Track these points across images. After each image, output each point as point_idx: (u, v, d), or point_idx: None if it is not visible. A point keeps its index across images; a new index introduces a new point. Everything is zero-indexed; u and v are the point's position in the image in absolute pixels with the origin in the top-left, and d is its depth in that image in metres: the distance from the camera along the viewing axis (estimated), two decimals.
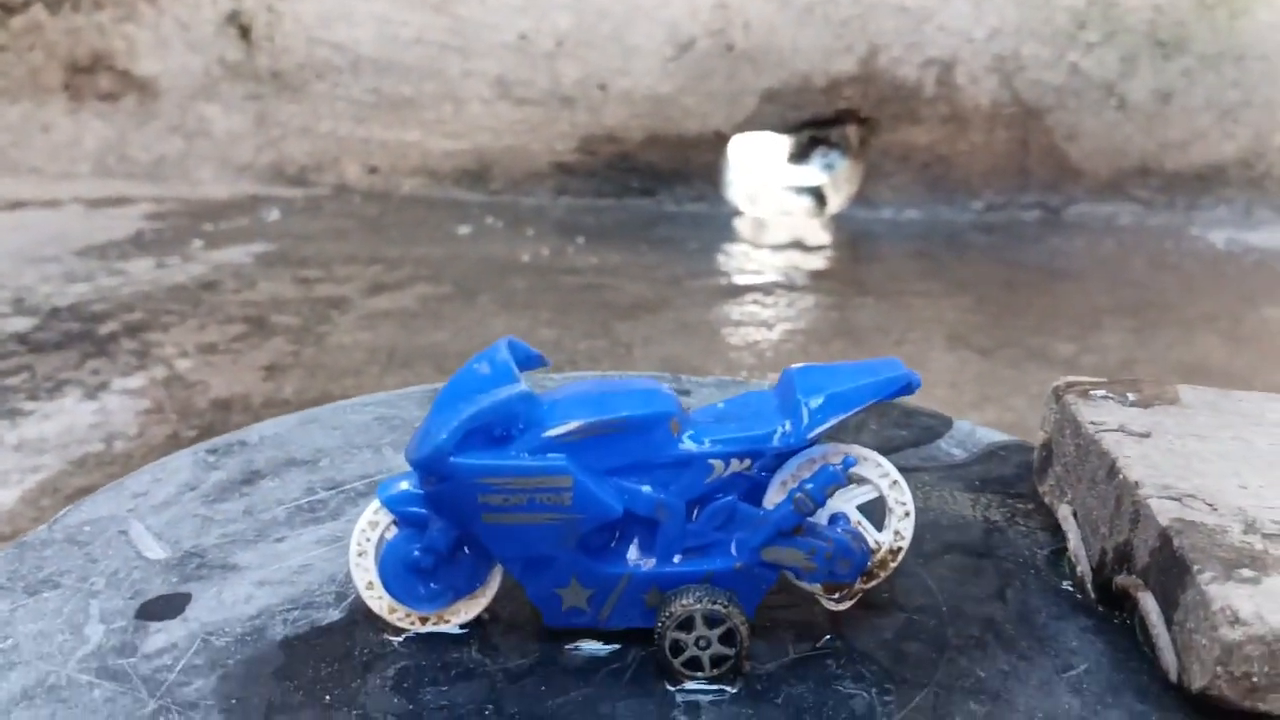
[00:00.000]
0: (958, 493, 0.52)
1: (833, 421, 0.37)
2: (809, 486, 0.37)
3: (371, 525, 0.39)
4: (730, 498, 0.38)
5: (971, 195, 1.98)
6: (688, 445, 0.37)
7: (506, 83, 1.92)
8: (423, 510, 0.38)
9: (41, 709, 0.35)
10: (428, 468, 0.36)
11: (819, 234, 1.91)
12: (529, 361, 0.39)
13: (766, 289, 1.53)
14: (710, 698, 0.37)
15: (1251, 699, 0.34)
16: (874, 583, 0.40)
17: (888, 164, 1.97)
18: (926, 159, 1.97)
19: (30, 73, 1.95)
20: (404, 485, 0.38)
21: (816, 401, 0.37)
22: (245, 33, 1.93)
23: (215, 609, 0.41)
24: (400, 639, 0.39)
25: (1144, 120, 1.93)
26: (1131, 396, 0.48)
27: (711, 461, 0.37)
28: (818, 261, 1.73)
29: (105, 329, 1.26)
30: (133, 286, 1.42)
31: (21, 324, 1.25)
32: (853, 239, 1.89)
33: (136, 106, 1.98)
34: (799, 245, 1.82)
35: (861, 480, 0.39)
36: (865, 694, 0.37)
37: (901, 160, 1.97)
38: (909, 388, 0.38)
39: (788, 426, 0.37)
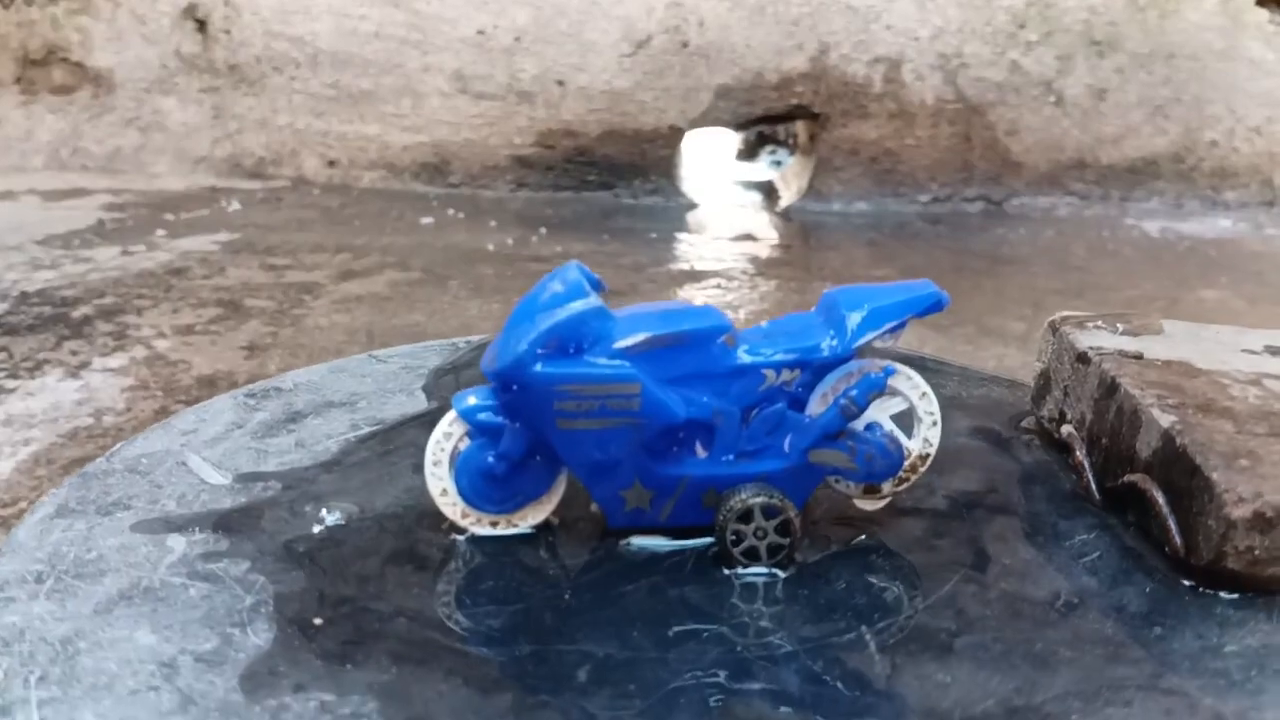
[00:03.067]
0: (962, 419, 0.56)
1: (875, 333, 0.41)
2: (853, 393, 0.41)
3: (446, 436, 0.41)
4: (781, 404, 0.41)
5: (918, 188, 2.04)
6: (743, 357, 0.41)
7: (465, 77, 1.94)
8: (496, 420, 0.41)
9: (142, 606, 0.37)
10: (508, 376, 0.39)
11: (772, 226, 1.96)
12: (592, 285, 0.42)
13: (728, 275, 1.58)
14: (765, 581, 0.40)
15: (1253, 570, 0.38)
16: (904, 486, 0.44)
17: (837, 158, 2.03)
18: (874, 153, 2.03)
19: None
20: (474, 399, 0.41)
21: (859, 316, 0.41)
22: (202, 26, 1.93)
23: (290, 522, 0.44)
24: (471, 541, 0.42)
25: (1080, 116, 2.01)
26: (1121, 326, 0.53)
27: (764, 371, 0.41)
28: (773, 250, 1.78)
29: (78, 312, 1.26)
30: (100, 273, 1.41)
31: None
32: (805, 230, 1.94)
33: (91, 100, 1.97)
34: (753, 236, 1.86)
35: (894, 392, 0.43)
36: (902, 579, 0.41)
37: (850, 155, 2.03)
38: (939, 304, 0.42)
39: (833, 339, 0.41)
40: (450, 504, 0.42)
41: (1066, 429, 0.49)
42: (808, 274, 1.60)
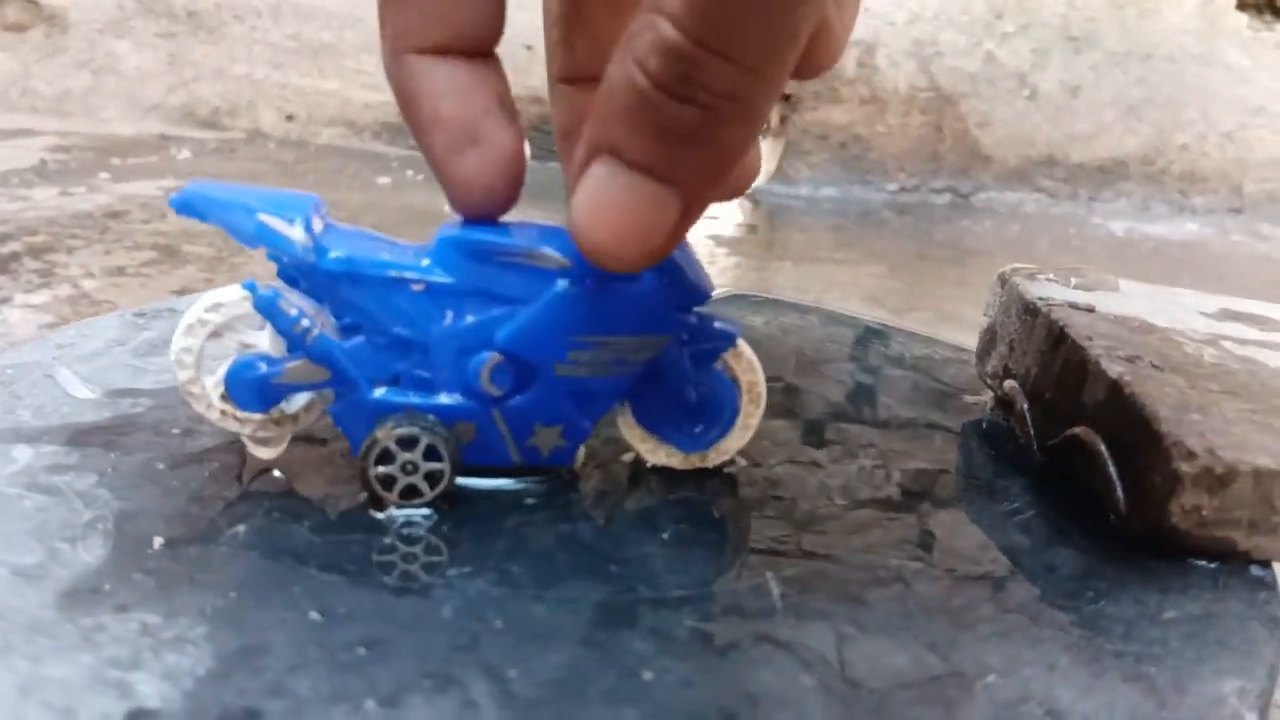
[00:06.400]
0: (897, 377, 0.52)
1: None
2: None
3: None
4: None
5: (886, 176, 2.01)
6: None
7: None
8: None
9: None
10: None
11: (738, 207, 1.93)
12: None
13: None
14: (665, 521, 0.36)
15: (1200, 532, 0.35)
16: None
17: (807, 142, 2.00)
18: (844, 139, 2.00)
19: None
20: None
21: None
22: None
23: (153, 440, 0.40)
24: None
25: (1052, 111, 1.99)
26: (1074, 280, 0.49)
27: None
28: (737, 230, 1.75)
29: (6, 249, 1.20)
30: (36, 211, 1.36)
31: None
32: (770, 213, 1.91)
33: (44, 39, 1.90)
34: (716, 215, 1.83)
35: None
36: (816, 524, 0.37)
37: (820, 139, 2.00)
38: None
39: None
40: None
41: (1009, 383, 0.46)
42: (769, 254, 1.57)
